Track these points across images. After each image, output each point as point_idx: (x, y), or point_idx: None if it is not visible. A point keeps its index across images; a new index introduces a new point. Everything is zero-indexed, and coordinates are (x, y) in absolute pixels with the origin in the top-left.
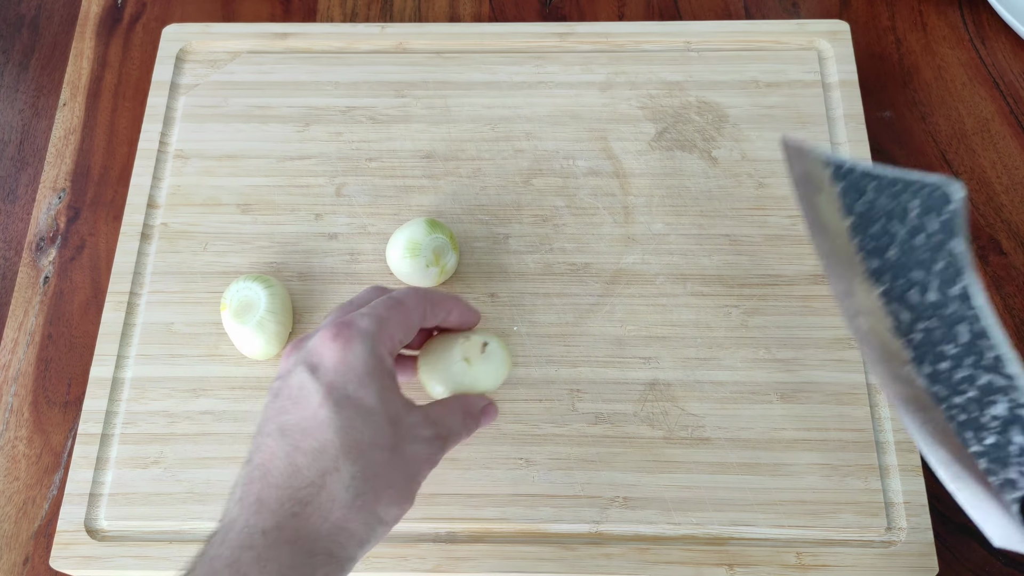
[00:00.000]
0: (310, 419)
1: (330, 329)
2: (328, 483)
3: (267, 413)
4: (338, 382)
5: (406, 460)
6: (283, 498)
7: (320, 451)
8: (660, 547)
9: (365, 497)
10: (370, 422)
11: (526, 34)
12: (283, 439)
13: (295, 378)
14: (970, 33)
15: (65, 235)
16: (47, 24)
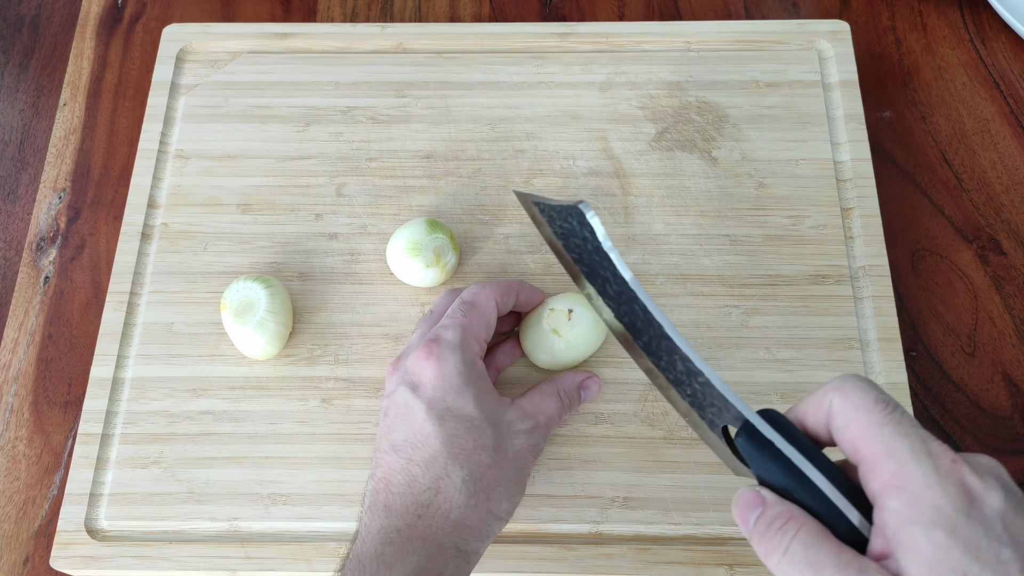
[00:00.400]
0: (417, 434)
1: (422, 348)
2: (442, 488)
3: (380, 431)
4: (437, 396)
5: (510, 457)
6: (407, 504)
7: (431, 461)
8: (660, 547)
9: (477, 497)
10: (471, 428)
11: (526, 34)
12: (397, 455)
13: (399, 397)
14: (970, 33)
15: (65, 235)
16: (47, 24)
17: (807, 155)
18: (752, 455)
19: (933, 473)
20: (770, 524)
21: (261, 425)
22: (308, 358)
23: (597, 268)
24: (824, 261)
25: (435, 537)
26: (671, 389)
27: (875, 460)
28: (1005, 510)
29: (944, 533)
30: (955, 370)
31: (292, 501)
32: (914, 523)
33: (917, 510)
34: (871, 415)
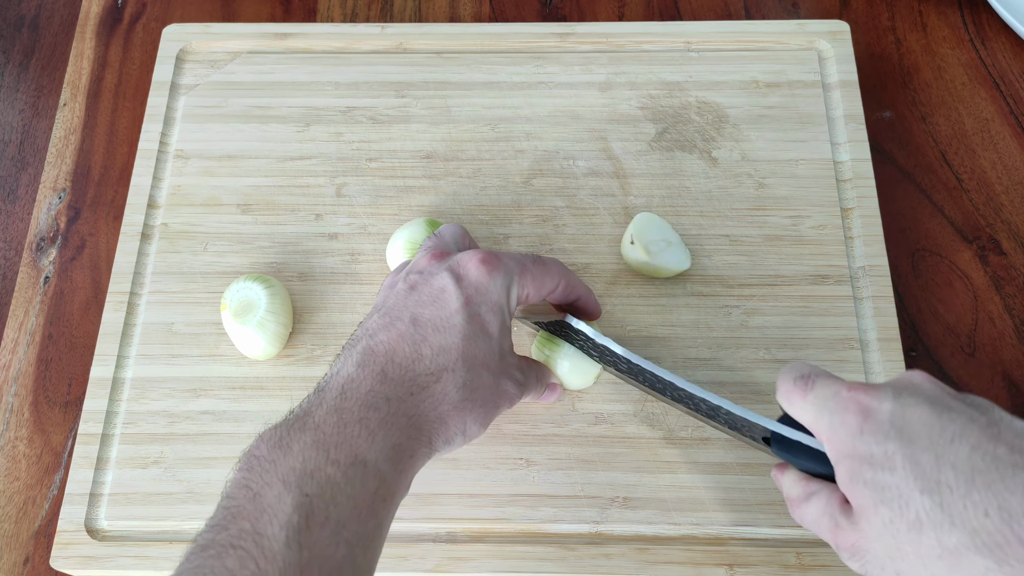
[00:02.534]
0: (444, 320)
1: (480, 253)
2: (443, 379)
3: (399, 300)
4: (475, 299)
5: (498, 391)
6: (405, 378)
7: (445, 349)
8: (660, 547)
9: (466, 403)
10: (488, 345)
11: (526, 34)
12: (414, 327)
13: (438, 280)
14: (970, 33)
15: (65, 235)
16: (47, 24)
17: (807, 155)
18: (788, 457)
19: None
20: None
21: (261, 425)
22: (308, 358)
23: (604, 356)
24: (824, 261)
25: (418, 420)
26: (710, 422)
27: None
28: (894, 410)
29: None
30: (955, 370)
31: None
32: (837, 461)
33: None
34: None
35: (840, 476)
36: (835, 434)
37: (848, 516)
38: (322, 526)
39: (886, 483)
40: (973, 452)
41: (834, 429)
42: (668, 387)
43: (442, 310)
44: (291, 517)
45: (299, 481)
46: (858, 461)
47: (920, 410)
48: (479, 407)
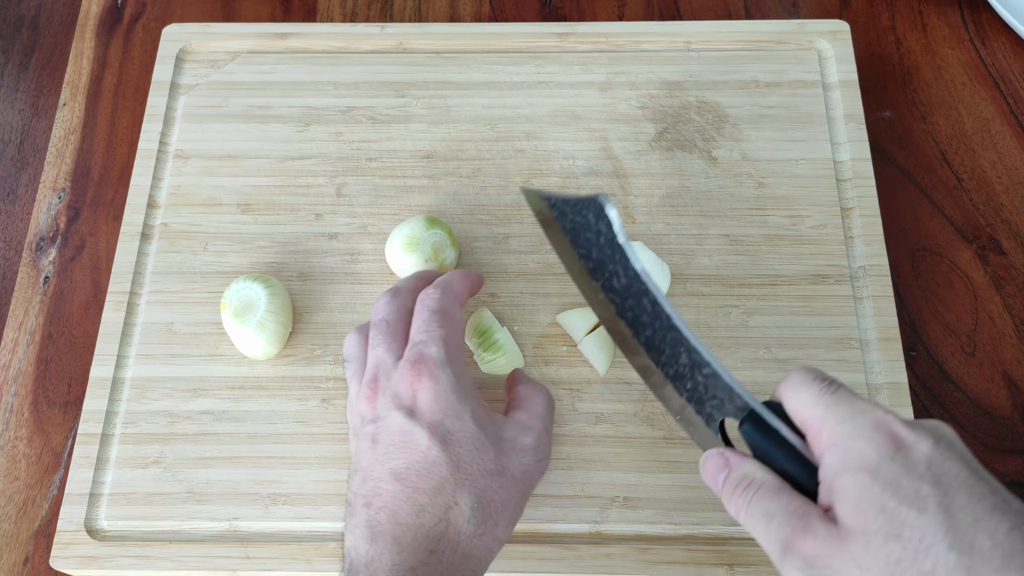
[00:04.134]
0: (422, 461)
1: (409, 369)
2: (452, 518)
3: (368, 459)
4: (437, 419)
5: (517, 478)
6: (418, 537)
7: (439, 489)
8: (660, 547)
9: (485, 525)
10: (475, 450)
11: (526, 34)
12: (400, 483)
13: (393, 423)
14: (970, 33)
15: (65, 235)
16: (47, 24)
17: (807, 155)
18: (758, 442)
19: (861, 427)
20: (736, 484)
21: (261, 425)
22: (308, 358)
23: (606, 262)
24: (824, 261)
25: (448, 574)
26: (667, 385)
27: (817, 427)
28: (933, 455)
29: (867, 475)
30: (955, 370)
31: (292, 501)
32: (843, 470)
33: (846, 459)
34: (810, 390)
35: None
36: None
37: (829, 527)
38: None
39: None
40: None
41: (854, 439)
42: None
43: (414, 452)
44: None
45: None
46: (880, 483)
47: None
48: (503, 512)
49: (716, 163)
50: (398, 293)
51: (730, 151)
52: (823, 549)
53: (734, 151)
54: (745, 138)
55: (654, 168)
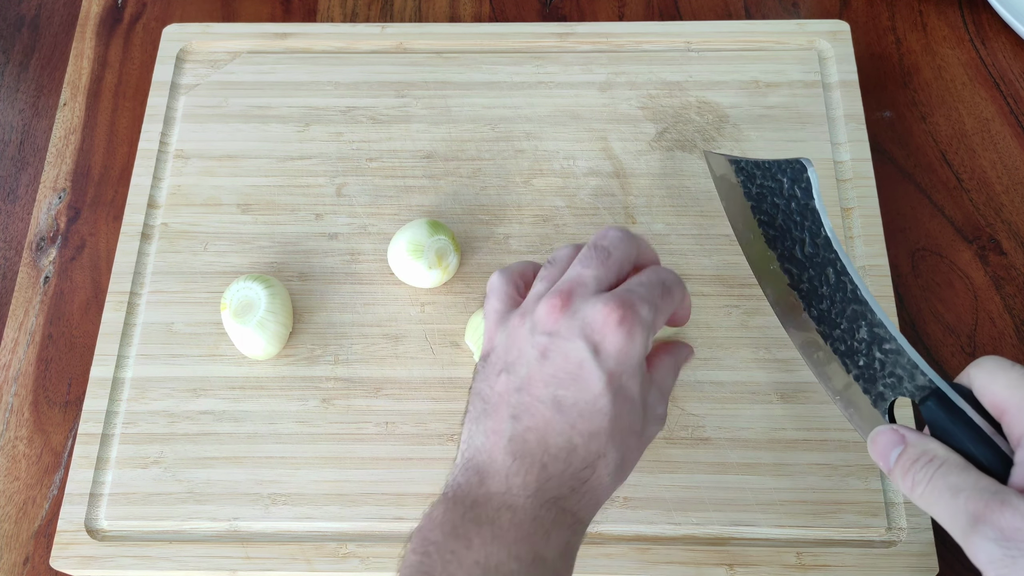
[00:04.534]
0: (590, 404)
1: (616, 309)
2: (598, 467)
3: (531, 370)
4: (617, 371)
5: (645, 441)
6: (566, 474)
7: (594, 436)
8: (660, 547)
9: (618, 479)
10: (633, 411)
11: (526, 34)
12: (560, 414)
13: (574, 352)
14: (970, 33)
15: (65, 235)
16: (47, 24)
17: (807, 155)
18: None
19: None
20: (915, 460)
21: (261, 425)
22: (308, 358)
23: (792, 230)
24: None
25: (580, 514)
26: (834, 362)
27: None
28: None
29: None
30: (955, 370)
31: (292, 501)
32: None
33: None
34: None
35: None
36: None
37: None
38: None
39: None
40: None
41: None
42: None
43: (585, 392)
44: None
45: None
46: None
47: None
48: (627, 471)
49: None
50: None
51: (730, 151)
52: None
53: (734, 151)
54: (745, 138)
55: (654, 168)
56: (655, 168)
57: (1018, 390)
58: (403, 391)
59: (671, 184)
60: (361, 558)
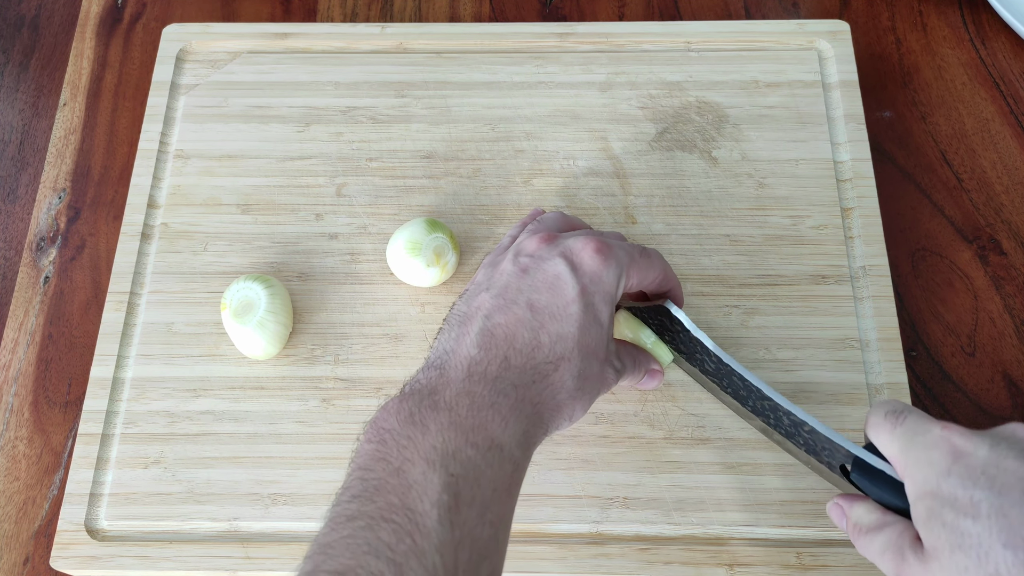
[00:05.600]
0: (561, 308)
1: (594, 241)
2: (561, 368)
3: (509, 280)
4: (590, 288)
5: (602, 378)
6: (526, 365)
7: (562, 337)
8: (660, 547)
9: (578, 392)
10: (599, 334)
11: (526, 34)
12: (531, 312)
13: (552, 266)
14: (970, 33)
15: (65, 235)
16: (47, 24)
17: (807, 155)
18: (867, 485)
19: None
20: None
21: (261, 425)
22: (308, 358)
23: (695, 352)
24: (824, 261)
25: (540, 408)
26: (787, 442)
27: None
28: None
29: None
30: (955, 370)
31: (292, 501)
32: (916, 498)
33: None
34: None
35: (917, 513)
36: (919, 470)
37: (917, 553)
38: (469, 506)
39: (967, 530)
40: None
41: (918, 465)
42: (752, 394)
43: (559, 298)
44: (440, 496)
45: (443, 461)
46: (939, 502)
47: (1018, 464)
48: (587, 394)
49: (716, 163)
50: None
51: (730, 151)
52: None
53: (734, 151)
54: (745, 138)
55: (654, 168)
56: (655, 168)
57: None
58: None
59: (671, 184)
60: None
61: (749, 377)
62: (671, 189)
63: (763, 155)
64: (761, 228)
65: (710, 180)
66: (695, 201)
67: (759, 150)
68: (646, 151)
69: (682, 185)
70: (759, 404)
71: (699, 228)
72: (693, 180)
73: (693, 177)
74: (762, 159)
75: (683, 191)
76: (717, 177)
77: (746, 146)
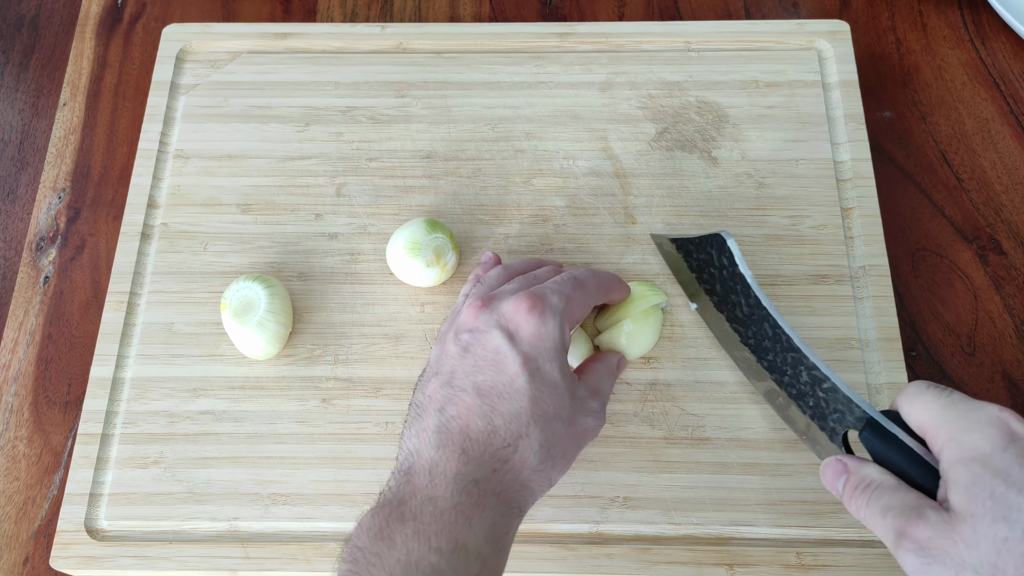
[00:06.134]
0: (507, 385)
1: (525, 301)
2: (520, 447)
3: (453, 365)
4: (532, 354)
5: (578, 432)
6: (485, 455)
7: (515, 416)
8: (660, 547)
9: (546, 463)
10: (555, 395)
11: (526, 34)
12: (480, 398)
13: (491, 340)
14: (970, 33)
15: (65, 235)
16: (47, 24)
17: (807, 155)
18: (879, 448)
19: (975, 423)
20: (855, 486)
21: (261, 425)
22: (308, 358)
23: (729, 293)
24: (824, 261)
25: (506, 495)
26: (792, 406)
27: (935, 428)
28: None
29: (979, 464)
30: (955, 370)
31: (292, 501)
32: (958, 462)
33: (960, 451)
34: (926, 396)
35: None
36: (968, 438)
37: (941, 513)
38: None
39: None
40: None
41: (968, 433)
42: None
43: (502, 375)
44: None
45: (405, 573)
46: (990, 472)
47: None
48: (561, 458)
49: (716, 163)
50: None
51: (730, 151)
52: (935, 532)
53: (734, 151)
54: (745, 138)
55: (654, 168)
56: (655, 168)
57: (933, 410)
58: (403, 391)
59: (671, 184)
60: None
61: (783, 324)
62: (671, 189)
63: (763, 155)
64: (761, 228)
65: (710, 180)
66: (695, 201)
67: (759, 150)
68: (646, 151)
69: (682, 185)
70: (780, 358)
71: (699, 228)
72: (693, 180)
73: (693, 177)
74: (762, 159)
75: (683, 191)
76: (717, 177)
77: (746, 146)
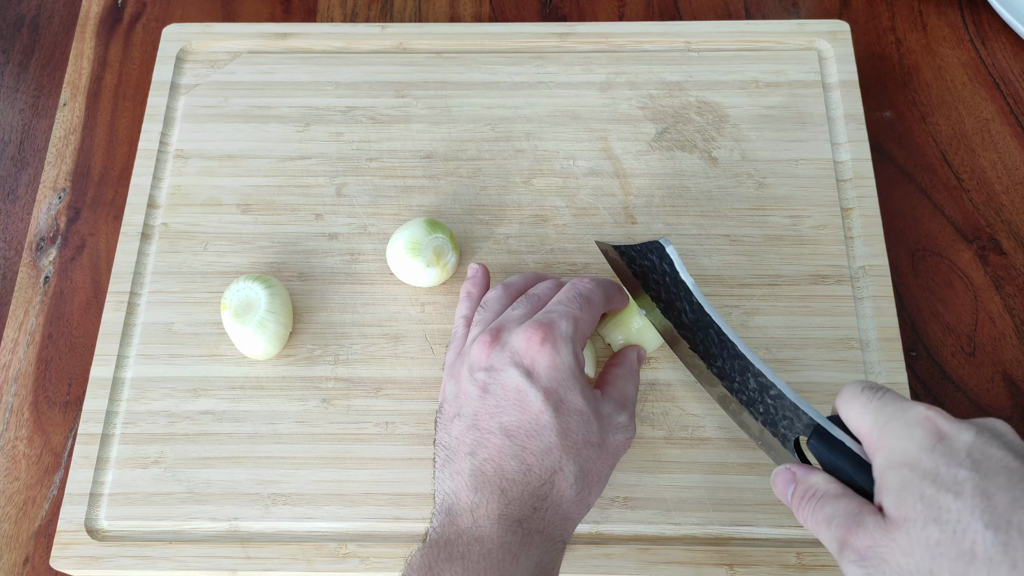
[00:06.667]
0: (533, 423)
1: (536, 331)
2: (556, 481)
3: (476, 407)
4: (552, 387)
5: (610, 452)
6: (524, 494)
7: (546, 452)
8: (660, 547)
9: (583, 492)
10: (582, 422)
11: (526, 34)
12: (509, 439)
13: (510, 380)
14: (970, 33)
15: (65, 235)
16: (47, 24)
17: (807, 155)
18: (824, 454)
19: (903, 425)
20: (802, 496)
21: (261, 425)
22: (308, 358)
23: (673, 300)
24: (824, 261)
25: (549, 531)
26: (744, 412)
27: (867, 433)
28: (975, 443)
29: (908, 468)
30: (955, 370)
31: (292, 501)
32: (888, 467)
33: (890, 456)
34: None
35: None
36: (897, 442)
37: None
38: None
39: (946, 505)
40: None
41: (897, 437)
42: (724, 352)
43: (527, 413)
44: None
45: None
46: (919, 474)
47: (1002, 453)
48: (597, 482)
49: (716, 163)
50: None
51: (730, 151)
52: (872, 540)
53: (734, 151)
54: (745, 138)
55: (654, 168)
56: (655, 168)
57: (866, 415)
58: (403, 391)
59: (671, 184)
60: (361, 558)
61: (727, 331)
62: (671, 189)
63: (763, 155)
64: (761, 228)
65: (710, 180)
66: (695, 201)
67: (759, 150)
68: (646, 151)
69: (682, 185)
70: (728, 364)
71: (699, 228)
72: (693, 180)
73: (693, 177)
74: (762, 159)
75: (683, 191)
76: (717, 177)
77: (746, 146)
